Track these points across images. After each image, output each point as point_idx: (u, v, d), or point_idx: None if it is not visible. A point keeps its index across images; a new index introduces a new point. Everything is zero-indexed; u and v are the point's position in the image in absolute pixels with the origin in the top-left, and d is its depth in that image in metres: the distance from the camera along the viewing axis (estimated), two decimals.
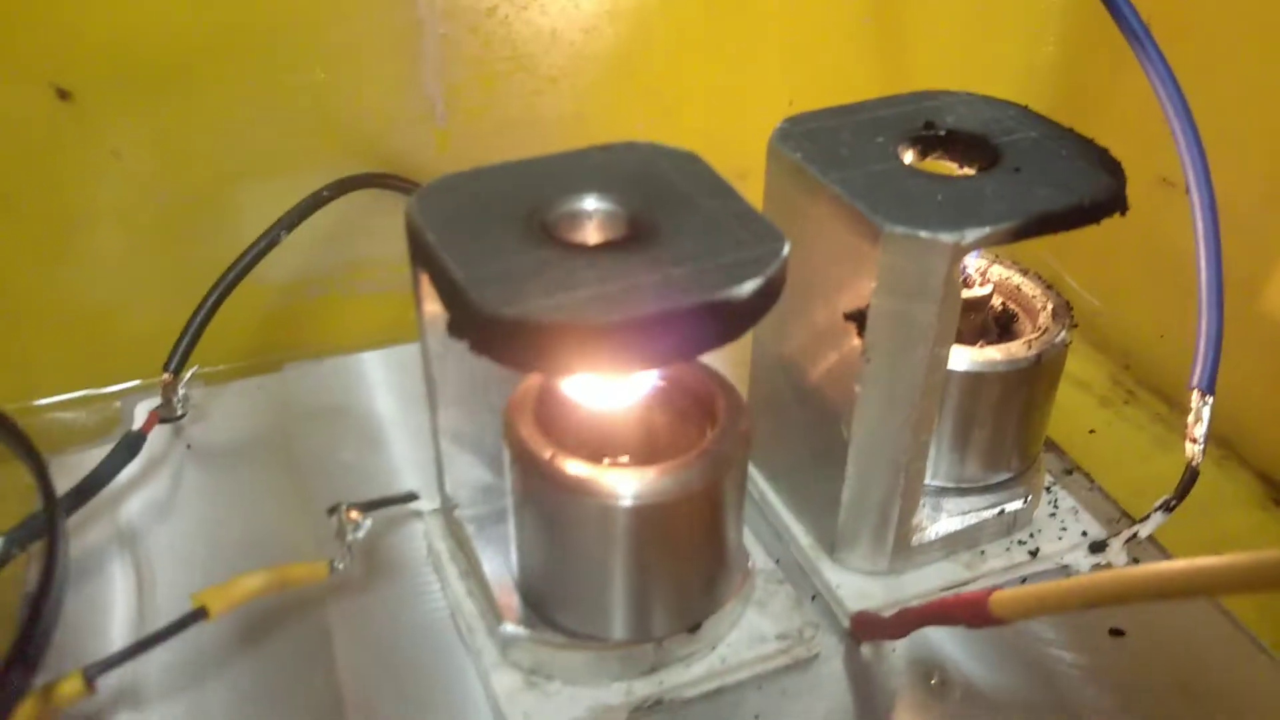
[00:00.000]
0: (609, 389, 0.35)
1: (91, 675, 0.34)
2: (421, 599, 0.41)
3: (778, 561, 0.41)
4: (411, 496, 0.43)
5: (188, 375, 0.47)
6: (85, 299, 0.52)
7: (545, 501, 0.35)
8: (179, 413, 0.47)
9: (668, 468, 0.33)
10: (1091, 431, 0.52)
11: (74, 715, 0.36)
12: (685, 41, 0.55)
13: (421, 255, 0.33)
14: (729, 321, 0.30)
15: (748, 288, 0.30)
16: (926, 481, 0.40)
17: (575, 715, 0.36)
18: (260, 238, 0.48)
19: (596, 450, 0.36)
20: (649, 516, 0.33)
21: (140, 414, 0.47)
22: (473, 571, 0.39)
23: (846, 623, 0.39)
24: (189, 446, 0.48)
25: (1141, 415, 0.54)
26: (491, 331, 0.30)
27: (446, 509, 0.41)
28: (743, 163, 0.56)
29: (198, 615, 0.36)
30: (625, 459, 0.36)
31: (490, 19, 0.51)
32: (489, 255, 0.31)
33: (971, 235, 0.33)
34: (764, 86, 0.58)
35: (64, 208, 0.50)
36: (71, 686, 0.33)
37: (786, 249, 0.31)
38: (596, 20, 0.52)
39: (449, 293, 0.31)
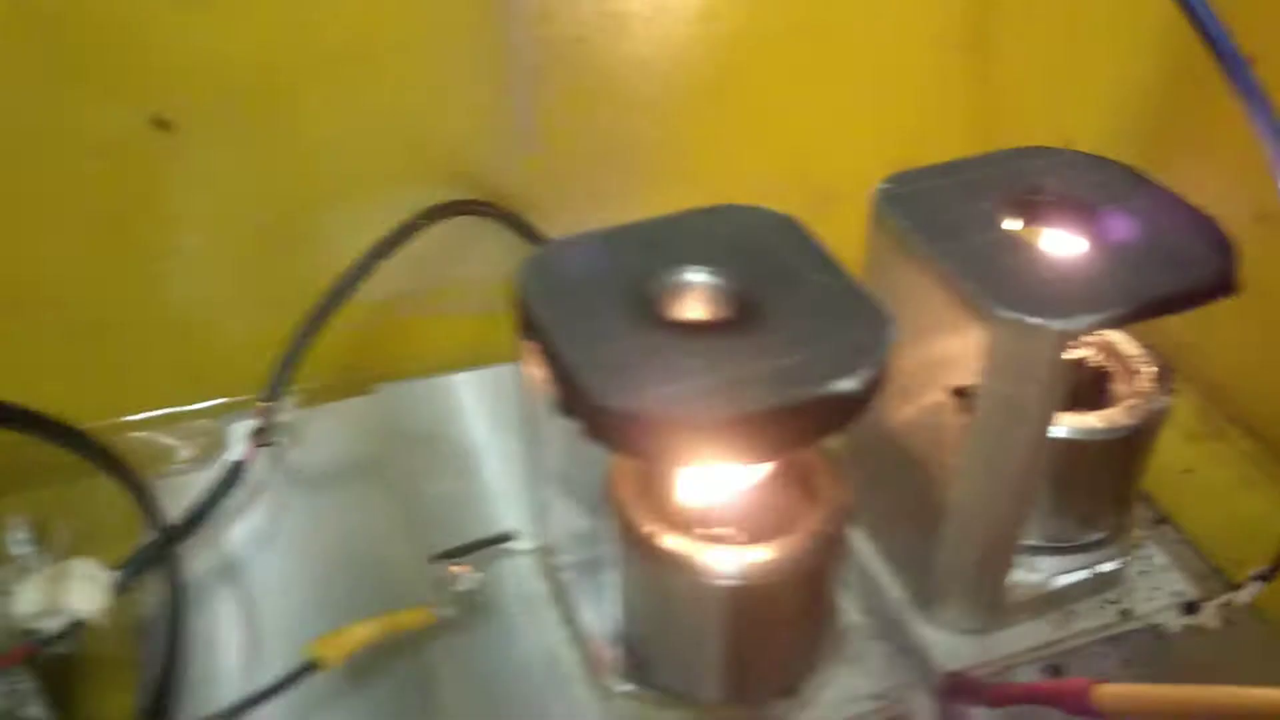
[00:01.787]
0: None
1: None
2: (517, 639, 0.42)
3: (870, 615, 0.41)
4: (507, 537, 0.44)
5: (285, 403, 0.48)
6: (178, 317, 0.53)
7: (646, 571, 0.35)
8: (276, 439, 0.48)
9: (770, 548, 0.34)
10: (1187, 471, 0.52)
11: None
12: (772, 68, 0.54)
13: (530, 328, 0.34)
14: (839, 413, 0.31)
15: (858, 380, 0.30)
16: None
17: None
18: (354, 267, 0.49)
19: (696, 515, 0.36)
20: (750, 595, 0.34)
21: (237, 437, 0.49)
22: (572, 620, 0.40)
23: (937, 680, 0.40)
24: (286, 472, 0.49)
25: (1230, 452, 0.53)
26: (602, 420, 0.30)
27: (546, 557, 0.42)
28: (830, 188, 0.56)
29: (311, 668, 0.37)
30: (727, 530, 0.36)
31: (580, 46, 0.50)
32: (598, 338, 0.32)
33: (1081, 322, 0.33)
34: (851, 110, 0.57)
35: (159, 229, 0.51)
36: None
37: (895, 333, 0.32)
38: (685, 48, 0.52)
39: (560, 375, 0.32)
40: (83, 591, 0.40)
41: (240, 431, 0.49)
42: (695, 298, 0.34)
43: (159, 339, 0.53)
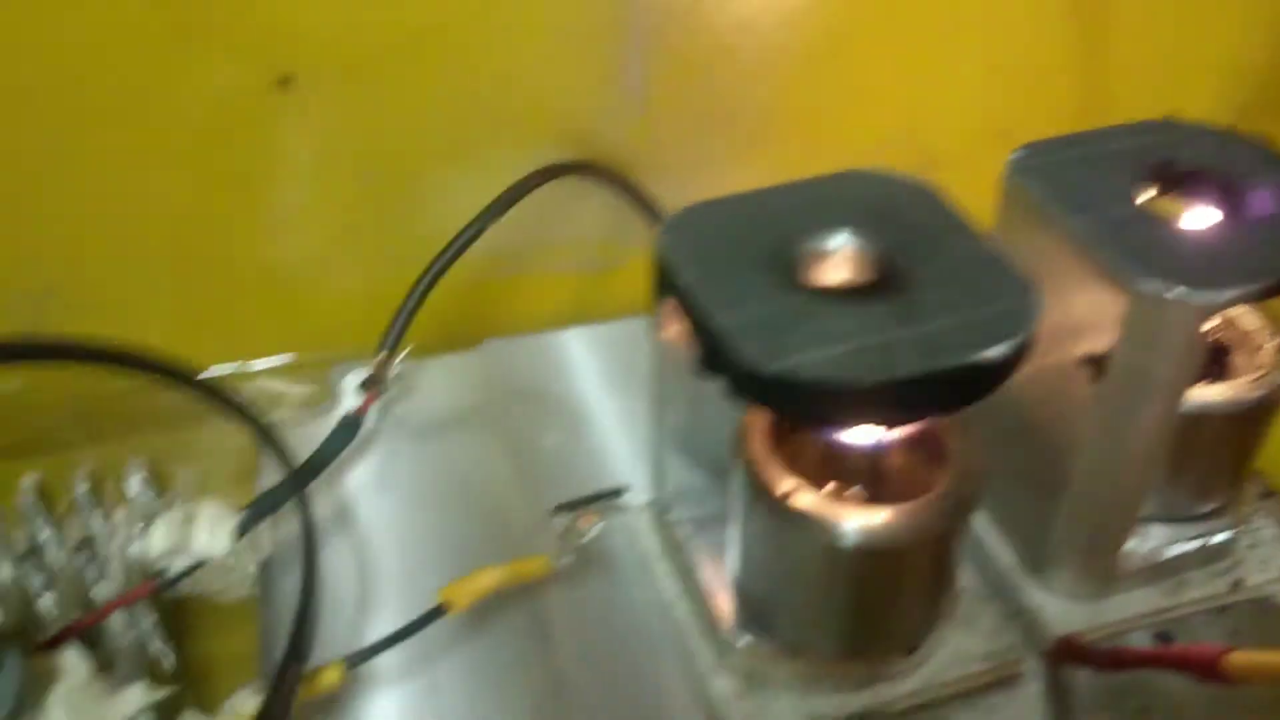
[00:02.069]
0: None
1: (352, 664, 0.37)
2: (631, 591, 0.43)
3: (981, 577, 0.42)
4: (620, 491, 0.45)
5: (400, 356, 0.49)
6: (288, 270, 0.54)
7: (775, 528, 0.36)
8: (388, 390, 0.49)
9: (902, 510, 0.34)
10: None
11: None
12: (881, 32, 0.55)
13: (671, 289, 0.34)
14: (987, 381, 0.31)
15: (1009, 348, 0.31)
16: None
17: None
18: (468, 226, 0.49)
19: (823, 469, 0.37)
20: (880, 557, 0.35)
21: (347, 387, 0.50)
22: (687, 574, 0.41)
23: (1046, 645, 0.40)
24: (396, 423, 0.50)
25: None
26: (752, 383, 0.31)
27: (660, 512, 0.43)
28: (935, 154, 0.56)
29: (440, 611, 0.38)
30: (857, 490, 0.37)
31: (693, 11, 0.51)
32: (743, 300, 0.32)
33: (1220, 296, 0.33)
34: (959, 77, 0.57)
35: (274, 182, 0.52)
36: (333, 674, 0.36)
37: (1041, 301, 0.32)
38: (795, 11, 0.52)
39: (705, 336, 0.32)
40: (209, 533, 0.42)
41: (351, 382, 0.50)
42: (836, 262, 0.35)
43: (268, 290, 0.55)
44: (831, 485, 0.37)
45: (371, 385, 0.49)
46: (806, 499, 0.35)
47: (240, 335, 0.55)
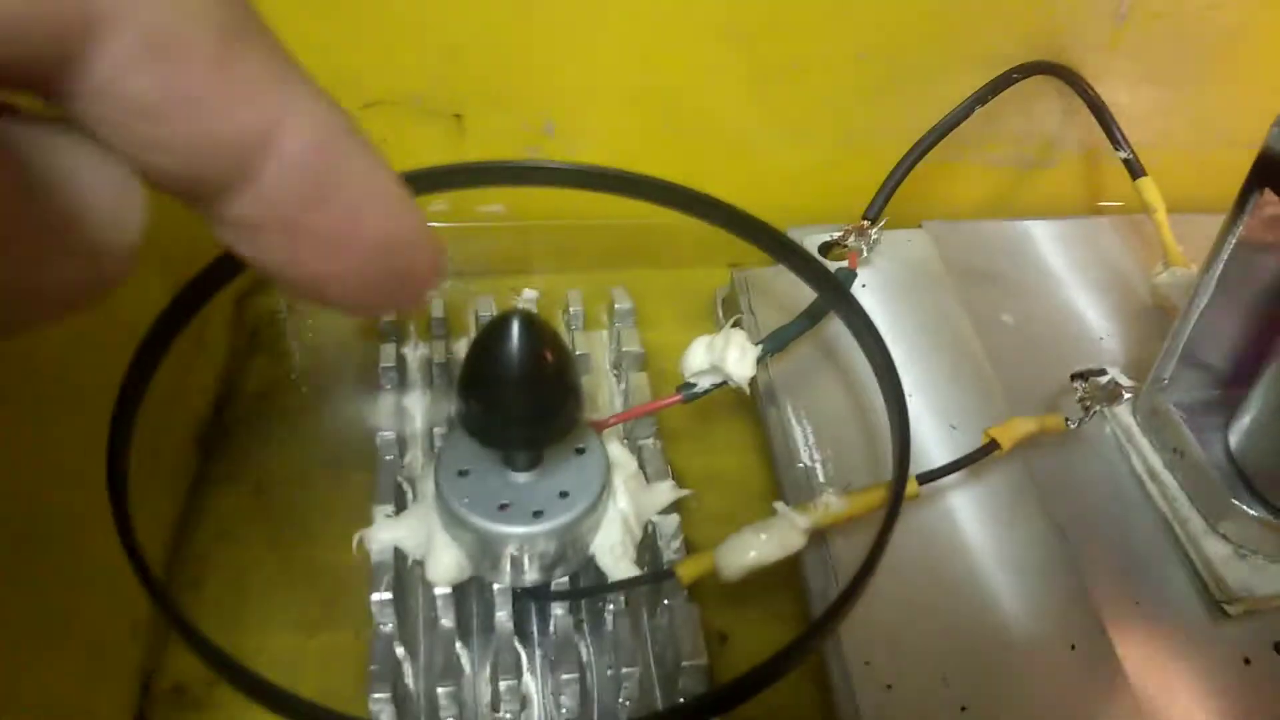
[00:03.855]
0: None
1: (922, 482, 0.42)
2: (1107, 459, 0.48)
3: None
4: (1102, 371, 0.49)
5: (880, 224, 0.53)
6: (749, 132, 0.59)
7: None
8: (866, 256, 0.54)
9: None
10: None
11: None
12: None
13: None
14: None
15: None
16: None
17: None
18: (957, 108, 0.53)
19: None
20: None
21: (811, 245, 0.54)
22: (1177, 449, 0.45)
23: None
24: (863, 285, 0.54)
25: None
26: None
27: (1153, 394, 0.47)
28: None
29: (994, 447, 0.43)
30: None
31: None
32: None
33: None
34: None
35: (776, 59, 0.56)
36: (912, 488, 0.41)
37: None
38: None
39: None
40: (739, 358, 0.47)
41: (813, 243, 0.54)
42: None
43: (725, 150, 0.59)
44: None
45: (841, 248, 0.53)
46: None
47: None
